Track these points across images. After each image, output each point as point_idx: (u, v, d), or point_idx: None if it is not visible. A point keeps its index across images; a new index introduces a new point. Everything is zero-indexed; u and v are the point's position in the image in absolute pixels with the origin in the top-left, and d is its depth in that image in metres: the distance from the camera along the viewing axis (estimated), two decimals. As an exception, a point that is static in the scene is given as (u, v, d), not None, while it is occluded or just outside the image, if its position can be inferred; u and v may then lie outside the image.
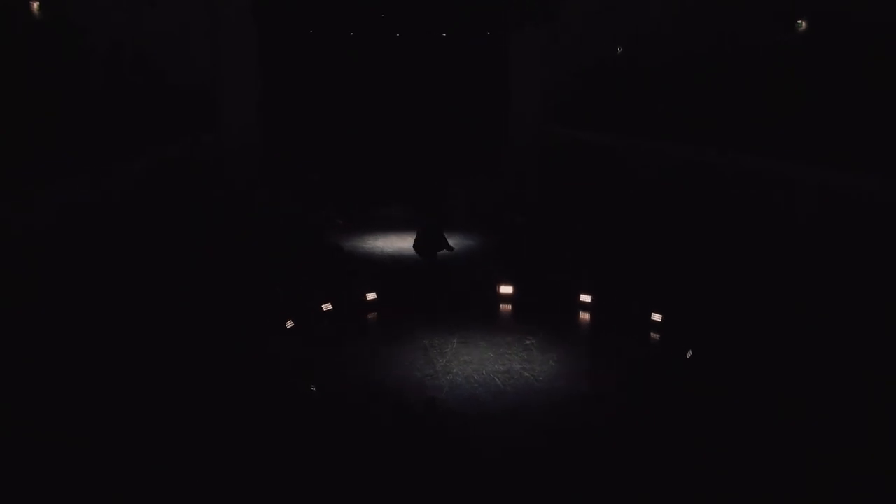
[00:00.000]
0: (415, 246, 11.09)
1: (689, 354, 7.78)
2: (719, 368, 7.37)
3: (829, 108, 8.29)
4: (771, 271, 9.03)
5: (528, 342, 8.27)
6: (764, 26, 9.58)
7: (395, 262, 11.79)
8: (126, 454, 5.51)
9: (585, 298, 9.49)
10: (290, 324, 8.51)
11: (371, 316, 9.30)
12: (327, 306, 9.10)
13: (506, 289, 9.88)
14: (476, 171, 19.08)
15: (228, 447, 5.73)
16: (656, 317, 8.79)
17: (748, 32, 9.97)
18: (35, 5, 7.86)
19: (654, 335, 8.64)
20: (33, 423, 5.83)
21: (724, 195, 10.43)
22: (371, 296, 9.52)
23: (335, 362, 7.70)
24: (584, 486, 5.38)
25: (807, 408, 6.35)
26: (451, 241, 11.18)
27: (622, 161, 14.43)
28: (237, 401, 6.52)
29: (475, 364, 7.64)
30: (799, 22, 8.60)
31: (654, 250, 11.61)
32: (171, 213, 12.29)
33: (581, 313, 9.44)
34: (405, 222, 13.81)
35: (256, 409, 6.40)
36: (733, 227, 10.07)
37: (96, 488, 5.10)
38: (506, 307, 9.75)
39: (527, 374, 7.41)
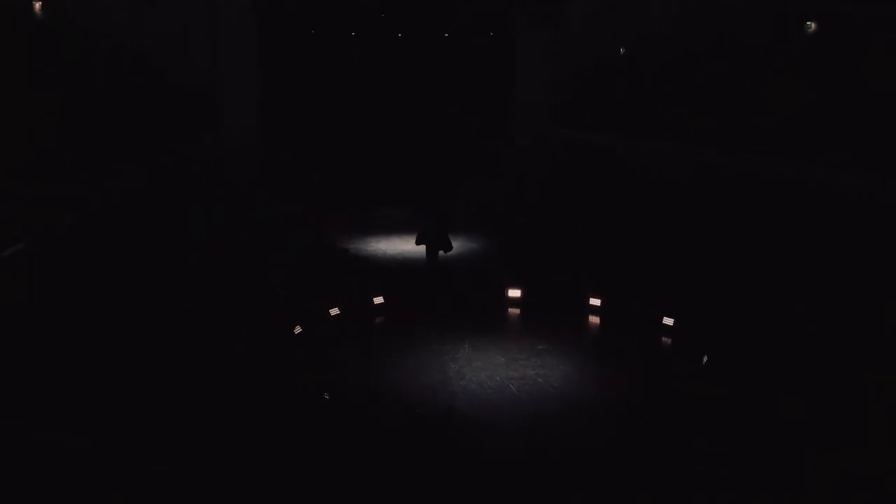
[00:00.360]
0: (417, 242, 11.12)
1: (704, 360, 7.73)
2: (720, 369, 7.37)
3: (830, 108, 8.30)
4: (770, 271, 9.03)
5: (540, 347, 8.19)
6: (764, 26, 9.58)
7: (399, 265, 11.75)
8: (126, 454, 5.51)
9: (595, 301, 9.43)
10: (298, 329, 8.47)
11: (378, 320, 9.25)
12: (335, 311, 9.04)
13: (514, 292, 9.83)
14: (476, 171, 19.09)
15: (229, 447, 5.73)
16: (668, 321, 8.71)
17: (748, 32, 9.98)
18: (37, 5, 7.87)
19: (666, 339, 8.58)
20: (33, 423, 5.84)
21: (724, 195, 10.44)
22: (378, 299, 9.47)
23: (338, 364, 7.68)
24: (588, 487, 5.38)
25: (807, 408, 6.35)
26: (452, 242, 11.16)
27: (622, 161, 14.44)
28: (237, 401, 6.51)
29: (488, 370, 7.51)
30: (808, 23, 8.59)
31: (654, 250, 11.61)
32: (171, 213, 12.29)
33: (590, 316, 9.37)
34: (406, 223, 13.77)
35: (257, 410, 6.39)
36: (733, 226, 10.07)
37: (96, 488, 5.10)
38: (514, 311, 9.68)
39: (541, 380, 7.31)
